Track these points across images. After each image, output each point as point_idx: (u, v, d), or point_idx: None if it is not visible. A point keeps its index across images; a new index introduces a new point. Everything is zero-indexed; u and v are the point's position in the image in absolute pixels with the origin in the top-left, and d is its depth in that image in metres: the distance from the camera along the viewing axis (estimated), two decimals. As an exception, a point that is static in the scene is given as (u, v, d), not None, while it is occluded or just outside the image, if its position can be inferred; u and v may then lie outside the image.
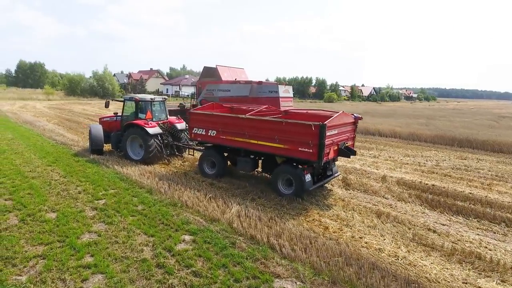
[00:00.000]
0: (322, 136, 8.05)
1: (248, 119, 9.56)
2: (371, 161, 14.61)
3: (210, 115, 10.65)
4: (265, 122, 9.26)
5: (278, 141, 8.86)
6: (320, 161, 8.27)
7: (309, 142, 8.25)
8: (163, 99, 13.85)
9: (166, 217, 7.29)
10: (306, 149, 8.35)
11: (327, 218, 7.88)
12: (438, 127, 26.80)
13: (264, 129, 9.15)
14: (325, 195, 9.59)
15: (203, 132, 10.64)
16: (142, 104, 12.86)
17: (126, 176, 10.23)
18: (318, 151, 8.20)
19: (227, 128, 10.00)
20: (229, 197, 8.83)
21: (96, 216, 7.21)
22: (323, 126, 8.08)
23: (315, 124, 8.18)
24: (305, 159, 8.54)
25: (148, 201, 8.19)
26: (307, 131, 8.27)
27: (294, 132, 8.58)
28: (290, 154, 8.80)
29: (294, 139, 8.53)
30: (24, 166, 11.02)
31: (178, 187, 9.30)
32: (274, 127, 8.94)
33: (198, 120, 10.80)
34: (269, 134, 9.02)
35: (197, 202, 8.15)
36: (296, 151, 8.55)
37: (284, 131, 8.74)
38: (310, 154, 8.30)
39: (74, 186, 9.13)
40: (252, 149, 9.63)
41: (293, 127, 8.65)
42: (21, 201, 7.88)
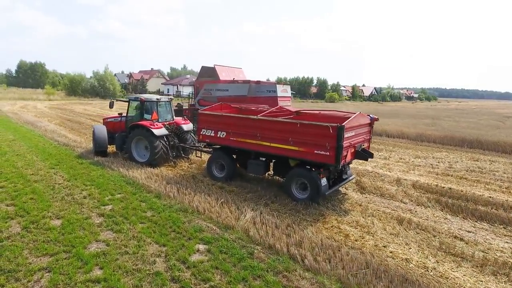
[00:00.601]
0: (340, 138, 7.69)
1: (260, 120, 9.18)
2: (383, 163, 14.21)
3: (220, 116, 10.26)
4: (279, 123, 8.89)
5: (293, 143, 8.47)
6: (338, 165, 7.90)
7: (326, 145, 7.89)
8: (169, 99, 13.45)
9: (177, 224, 6.88)
10: (323, 151, 7.98)
11: (346, 224, 7.48)
12: (444, 127, 26.42)
13: (277, 131, 8.79)
14: (340, 199, 9.19)
15: (212, 134, 10.26)
16: (148, 104, 12.48)
17: (133, 179, 9.83)
18: (336, 154, 7.84)
19: (238, 130, 9.62)
20: (241, 201, 8.43)
21: (104, 223, 6.81)
22: (341, 128, 7.68)
23: (332, 125, 7.81)
24: (322, 162, 8.15)
25: (157, 206, 7.79)
26: (324, 133, 7.89)
27: (310, 134, 8.21)
28: (305, 157, 8.41)
29: (310, 141, 8.16)
30: (26, 169, 10.62)
31: (187, 191, 8.89)
32: (288, 129, 8.58)
33: (207, 121, 10.41)
34: (283, 136, 8.65)
35: (208, 208, 7.74)
36: (312, 154, 8.17)
37: (299, 132, 8.37)
38: (327, 157, 7.94)
39: (78, 191, 8.72)
40: (264, 151, 9.25)
41: (309, 128, 8.27)
42: (24, 206, 7.48)
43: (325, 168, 8.53)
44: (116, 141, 12.95)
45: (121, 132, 12.87)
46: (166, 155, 11.90)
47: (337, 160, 7.82)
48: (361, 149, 9.05)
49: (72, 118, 26.48)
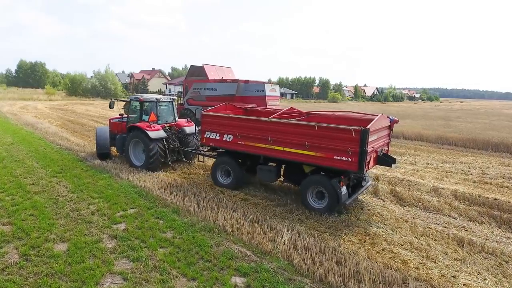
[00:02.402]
0: (364, 143, 6.92)
1: (272, 123, 8.27)
2: (411, 169, 13.14)
3: (226, 118, 9.30)
4: (293, 126, 7.99)
5: (309, 148, 7.65)
6: (361, 171, 7.16)
7: (347, 150, 7.10)
8: (171, 99, 12.46)
9: (204, 248, 5.81)
10: (344, 157, 7.19)
11: (399, 247, 6.41)
12: (461, 129, 25.36)
13: (291, 134, 7.92)
14: (381, 213, 8.11)
15: (217, 137, 9.31)
16: (146, 104, 11.56)
17: (145, 190, 8.76)
18: (359, 160, 7.01)
19: (247, 133, 8.70)
20: (271, 217, 7.37)
21: (117, 248, 5.73)
22: (366, 131, 6.88)
23: (355, 128, 6.99)
24: (343, 169, 7.36)
25: (177, 225, 6.71)
26: (346, 136, 7.11)
27: (329, 138, 7.36)
28: (323, 163, 7.57)
29: (329, 146, 7.37)
30: (26, 178, 9.54)
31: (209, 205, 7.82)
32: (304, 132, 7.73)
33: (212, 123, 9.44)
34: (298, 140, 7.80)
35: (237, 227, 6.67)
36: (331, 159, 7.38)
37: (316, 136, 7.54)
38: (349, 164, 7.15)
39: (85, 205, 7.65)
40: (275, 156, 8.36)
41: (328, 132, 7.40)
42: (23, 226, 6.40)
43: (345, 175, 7.75)
44: (117, 143, 12.11)
45: (122, 134, 11.95)
46: (164, 159, 11.01)
47: (360, 166, 7.05)
48: (382, 154, 8.30)
49: (74, 119, 25.38)
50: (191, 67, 23.25)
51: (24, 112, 29.71)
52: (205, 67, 21.56)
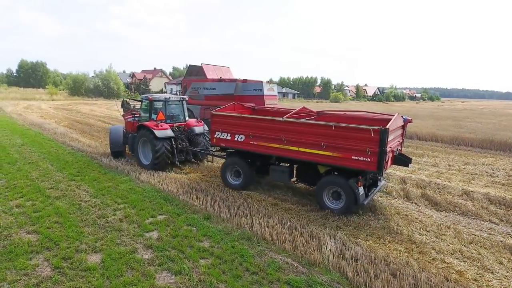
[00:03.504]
0: (383, 143, 6.81)
1: (287, 122, 8.08)
2: (434, 170, 12.77)
3: (238, 118, 9.07)
4: (309, 126, 7.82)
5: (325, 148, 7.50)
6: (380, 171, 7.11)
7: (366, 150, 6.98)
8: (181, 99, 12.21)
9: (247, 259, 5.43)
10: (362, 157, 7.07)
11: (450, 256, 6.03)
12: (472, 129, 25.03)
13: (307, 134, 7.76)
14: (418, 218, 7.73)
15: (228, 137, 9.08)
16: (155, 104, 11.38)
17: (170, 195, 8.37)
18: (379, 160, 6.89)
19: (260, 133, 8.51)
20: (308, 224, 6.99)
21: (155, 259, 5.34)
22: (385, 131, 6.77)
23: (374, 128, 6.87)
24: (361, 169, 7.25)
25: (212, 233, 6.32)
26: (365, 136, 6.98)
27: (347, 138, 7.23)
28: (340, 163, 7.42)
29: (347, 145, 7.23)
30: (43, 181, 9.15)
31: (240, 210, 7.45)
32: (321, 132, 7.57)
33: (222, 123, 9.20)
34: (314, 140, 7.66)
35: (276, 235, 6.29)
36: (349, 159, 7.24)
37: (333, 136, 7.40)
38: (367, 164, 7.05)
39: (111, 211, 7.26)
40: (290, 156, 8.19)
41: (345, 132, 7.26)
42: (49, 234, 6.01)
43: (363, 176, 7.63)
44: (129, 142, 12.11)
45: (133, 133, 11.80)
46: (171, 159, 10.83)
47: (379, 166, 6.94)
48: (398, 154, 8.25)
49: (80, 119, 24.96)
50: (189, 66, 23.43)
51: (29, 112, 29.27)
52: (204, 66, 21.72)
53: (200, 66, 22.00)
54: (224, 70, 23.19)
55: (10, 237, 5.90)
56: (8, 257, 5.25)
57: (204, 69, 21.61)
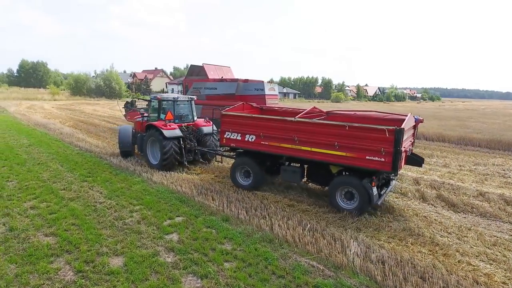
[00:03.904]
0: (398, 143, 6.77)
1: (299, 122, 8.04)
2: (446, 171, 12.68)
3: (249, 118, 9.05)
4: (322, 126, 7.80)
5: (339, 148, 7.45)
6: (395, 171, 7.07)
7: (380, 150, 6.94)
8: (190, 99, 12.15)
9: (272, 262, 5.33)
10: (377, 157, 7.03)
11: (475, 258, 5.93)
12: (478, 129, 24.95)
13: (320, 134, 7.73)
14: (437, 219, 7.63)
15: (239, 137, 9.02)
16: (164, 104, 11.38)
17: (185, 196, 8.27)
18: (393, 160, 6.85)
19: (271, 133, 8.45)
20: (328, 226, 6.89)
21: (179, 262, 5.23)
22: (400, 131, 6.73)
23: (389, 128, 6.83)
24: (375, 169, 7.20)
25: (233, 235, 6.22)
26: (379, 136, 6.95)
27: (361, 138, 7.19)
28: (353, 163, 7.37)
29: (361, 146, 7.18)
30: (55, 182, 9.04)
31: (258, 212, 7.35)
32: (334, 132, 7.53)
33: (233, 123, 9.15)
34: (327, 140, 7.60)
35: (298, 237, 6.18)
36: (363, 159, 7.20)
37: (347, 136, 7.35)
38: (382, 164, 7.01)
39: (127, 212, 7.15)
40: (302, 156, 8.13)
41: (359, 132, 7.22)
42: (68, 237, 5.90)
43: (376, 176, 7.62)
44: (137, 142, 12.16)
45: (142, 133, 11.83)
46: (179, 159, 10.80)
47: (394, 167, 6.90)
48: (410, 154, 8.25)
49: (85, 119, 24.84)
50: (191, 66, 23.48)
51: (32, 112, 29.14)
52: (205, 66, 21.80)
53: (201, 66, 22.14)
54: (225, 70, 23.34)
55: (28, 239, 5.79)
56: (28, 260, 5.14)
57: (206, 69, 21.78)
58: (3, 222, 6.46)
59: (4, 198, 7.76)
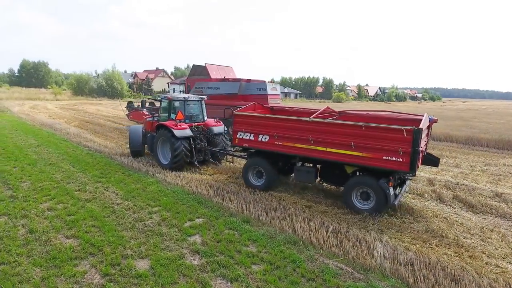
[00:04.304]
0: (416, 143, 6.78)
1: (314, 123, 8.02)
2: (458, 171, 12.61)
3: (263, 118, 9.03)
4: (338, 126, 7.78)
5: (355, 148, 7.43)
6: (413, 171, 7.03)
7: (398, 150, 6.91)
8: (200, 98, 12.09)
9: (300, 264, 5.25)
10: (394, 157, 7.01)
11: (502, 260, 5.84)
12: (483, 129, 24.89)
13: (336, 134, 7.71)
14: (458, 220, 7.54)
15: (252, 137, 8.99)
16: (174, 103, 11.36)
17: (202, 197, 8.18)
18: (411, 160, 6.83)
19: (285, 133, 8.42)
20: (350, 227, 6.80)
21: (206, 265, 5.15)
22: (418, 131, 6.74)
23: (407, 128, 6.81)
24: (392, 169, 7.18)
25: (256, 237, 6.14)
26: (397, 136, 6.93)
27: (377, 138, 7.18)
28: (370, 163, 7.36)
29: (377, 146, 7.16)
30: (69, 183, 8.95)
31: (278, 213, 7.27)
32: (350, 132, 7.51)
33: (245, 123, 9.12)
34: (343, 140, 7.57)
35: (322, 239, 6.11)
36: (379, 160, 7.19)
37: (363, 136, 7.32)
38: (399, 164, 6.98)
39: (146, 214, 7.07)
40: (316, 157, 8.10)
41: (376, 132, 7.19)
42: (89, 239, 5.82)
43: (393, 176, 7.59)
44: (148, 142, 12.17)
45: (152, 133, 11.83)
46: (190, 159, 10.74)
47: (412, 167, 6.88)
48: (426, 154, 8.30)
49: (89, 119, 24.74)
50: (193, 66, 23.59)
51: (36, 112, 29.04)
52: (208, 66, 21.90)
53: (204, 66, 22.33)
54: (227, 70, 23.54)
55: (50, 242, 5.71)
56: (53, 263, 5.06)
57: (208, 68, 21.98)
58: (22, 224, 6.38)
59: (19, 199, 7.68)
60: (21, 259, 5.13)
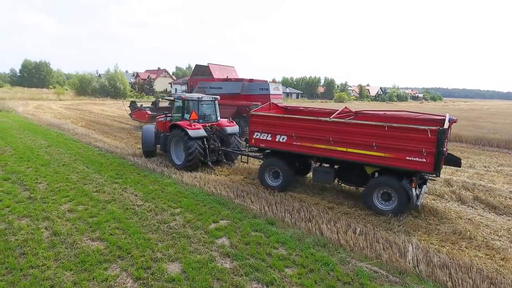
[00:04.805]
0: (441, 143, 6.75)
1: (335, 123, 7.96)
2: (473, 172, 12.52)
3: (281, 118, 9.00)
4: (360, 126, 7.72)
5: (376, 149, 7.37)
6: (437, 172, 6.98)
7: (422, 150, 6.88)
8: (214, 98, 12.00)
9: (332, 267, 5.16)
10: (418, 158, 6.96)
11: (535, 263, 5.76)
12: (491, 129, 24.79)
13: (357, 135, 7.65)
14: (484, 222, 7.44)
15: (269, 138, 8.94)
16: (188, 103, 11.31)
17: (222, 198, 8.08)
18: (436, 161, 6.79)
19: (304, 133, 8.38)
20: (375, 229, 6.69)
21: (238, 268, 5.05)
22: (443, 132, 6.74)
23: (431, 129, 6.77)
24: (415, 169, 7.13)
25: (284, 239, 6.04)
26: (420, 137, 6.89)
27: (401, 138, 7.12)
28: (392, 164, 7.30)
29: (401, 146, 7.11)
30: (86, 184, 8.85)
31: (301, 215, 7.17)
32: (372, 133, 7.45)
33: (262, 123, 9.08)
34: (365, 141, 7.52)
35: (352, 241, 6.00)
36: (402, 160, 7.14)
37: (386, 137, 7.27)
38: (423, 164, 6.94)
39: (168, 215, 6.97)
40: (336, 157, 8.05)
41: (399, 132, 7.14)
42: (116, 242, 5.72)
43: (416, 176, 7.48)
44: (160, 142, 12.14)
45: (165, 133, 11.80)
46: (203, 159, 10.66)
47: (436, 167, 6.86)
48: (447, 154, 8.19)
49: (95, 119, 24.64)
50: (196, 66, 23.68)
51: (41, 112, 28.93)
52: (210, 66, 22.00)
53: (206, 66, 22.45)
54: (229, 70, 23.66)
55: (76, 244, 5.61)
56: (82, 267, 4.96)
57: (211, 68, 22.09)
58: (45, 226, 6.28)
59: (38, 200, 7.58)
60: (49, 263, 5.03)
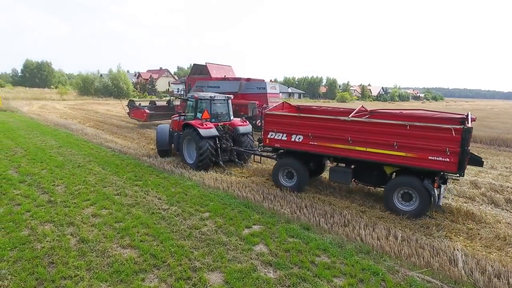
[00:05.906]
0: (465, 142, 6.56)
1: (354, 122, 7.71)
2: (496, 173, 12.21)
3: (297, 118, 8.73)
4: (380, 125, 7.46)
5: (397, 148, 7.18)
6: (462, 171, 6.78)
7: (445, 150, 6.69)
8: (226, 97, 11.79)
9: (382, 276, 4.85)
10: (441, 157, 6.78)
11: None
12: (504, 129, 24.50)
13: (377, 134, 7.43)
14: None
15: (284, 137, 8.73)
16: (200, 102, 11.14)
17: (250, 201, 7.77)
18: (460, 160, 6.62)
19: (321, 133, 8.15)
20: (415, 234, 6.38)
21: (284, 278, 4.73)
22: (468, 131, 6.53)
23: (456, 127, 6.57)
24: (438, 169, 6.93)
25: (324, 245, 5.72)
26: (444, 136, 6.69)
27: (423, 138, 6.90)
28: (414, 163, 7.10)
29: (423, 145, 6.92)
30: (105, 187, 8.54)
31: (335, 219, 6.86)
32: (394, 132, 7.24)
33: (278, 123, 8.86)
34: (385, 140, 7.33)
35: (394, 247, 5.69)
36: (424, 160, 6.95)
37: (408, 136, 7.07)
38: (446, 164, 6.75)
39: (198, 220, 6.65)
40: (354, 157, 7.81)
41: (422, 131, 6.94)
42: (148, 249, 5.41)
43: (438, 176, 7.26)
44: (174, 141, 12.01)
45: (179, 132, 11.62)
46: (215, 158, 10.51)
47: (460, 167, 6.68)
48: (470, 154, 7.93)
49: (102, 119, 24.32)
50: (194, 65, 23.76)
51: (46, 112, 28.60)
52: (208, 65, 22.06)
53: (204, 65, 22.53)
54: (226, 69, 23.84)
55: (107, 252, 5.30)
56: (118, 277, 4.65)
57: (209, 68, 22.18)
58: (70, 232, 5.97)
59: (59, 204, 7.27)
60: (82, 273, 4.72)
